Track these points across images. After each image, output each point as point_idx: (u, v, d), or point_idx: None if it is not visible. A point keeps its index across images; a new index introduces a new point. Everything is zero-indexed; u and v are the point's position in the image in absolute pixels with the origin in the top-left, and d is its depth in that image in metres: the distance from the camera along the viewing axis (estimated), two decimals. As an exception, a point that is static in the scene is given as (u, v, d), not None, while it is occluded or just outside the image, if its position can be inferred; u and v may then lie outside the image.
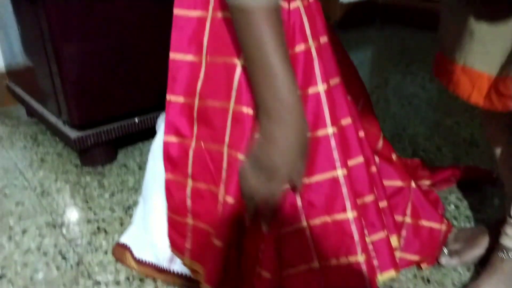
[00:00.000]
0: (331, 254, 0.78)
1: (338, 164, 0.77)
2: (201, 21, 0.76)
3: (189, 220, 0.83)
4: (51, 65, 1.22)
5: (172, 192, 0.84)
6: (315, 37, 0.76)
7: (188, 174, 0.82)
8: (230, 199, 0.75)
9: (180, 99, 0.81)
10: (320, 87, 0.76)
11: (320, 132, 0.76)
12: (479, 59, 0.69)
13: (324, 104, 0.76)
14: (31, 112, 1.60)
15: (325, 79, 0.76)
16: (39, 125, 1.62)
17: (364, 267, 0.80)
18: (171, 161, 0.83)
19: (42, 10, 1.15)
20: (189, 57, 0.79)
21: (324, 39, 0.79)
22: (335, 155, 0.77)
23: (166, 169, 0.84)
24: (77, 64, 1.19)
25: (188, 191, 0.83)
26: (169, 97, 0.81)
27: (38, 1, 1.14)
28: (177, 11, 0.78)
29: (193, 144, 0.81)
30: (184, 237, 0.84)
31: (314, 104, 0.76)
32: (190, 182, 0.82)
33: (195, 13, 0.76)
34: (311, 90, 0.76)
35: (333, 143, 0.76)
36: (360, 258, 0.79)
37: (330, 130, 0.76)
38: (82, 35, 1.17)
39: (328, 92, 0.77)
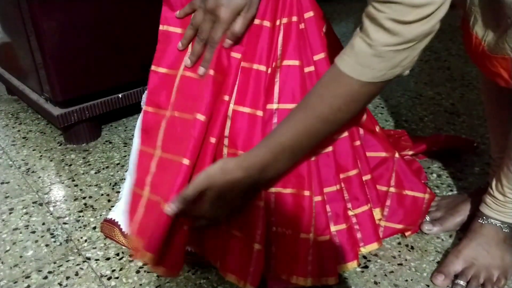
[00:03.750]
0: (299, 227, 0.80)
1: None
2: None
3: (145, 193, 0.80)
4: (31, 41, 1.20)
5: (140, 163, 0.82)
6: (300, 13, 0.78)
7: (157, 145, 0.80)
8: (186, 161, 0.75)
9: (164, 70, 0.81)
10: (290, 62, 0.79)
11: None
12: None
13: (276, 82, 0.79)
14: (11, 90, 1.58)
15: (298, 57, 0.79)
16: (20, 103, 1.60)
17: (337, 239, 0.82)
18: (146, 131, 0.82)
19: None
20: (180, 30, 0.80)
21: (309, 14, 0.80)
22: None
23: (141, 140, 0.82)
24: (58, 39, 1.17)
25: (154, 162, 0.80)
26: (154, 68, 0.81)
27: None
28: None
29: (168, 114, 0.80)
30: (134, 211, 0.81)
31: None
32: (158, 153, 0.80)
33: None
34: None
35: (275, 119, 0.79)
36: (333, 228, 0.81)
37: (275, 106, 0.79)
38: (62, 9, 1.15)
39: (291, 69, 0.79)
